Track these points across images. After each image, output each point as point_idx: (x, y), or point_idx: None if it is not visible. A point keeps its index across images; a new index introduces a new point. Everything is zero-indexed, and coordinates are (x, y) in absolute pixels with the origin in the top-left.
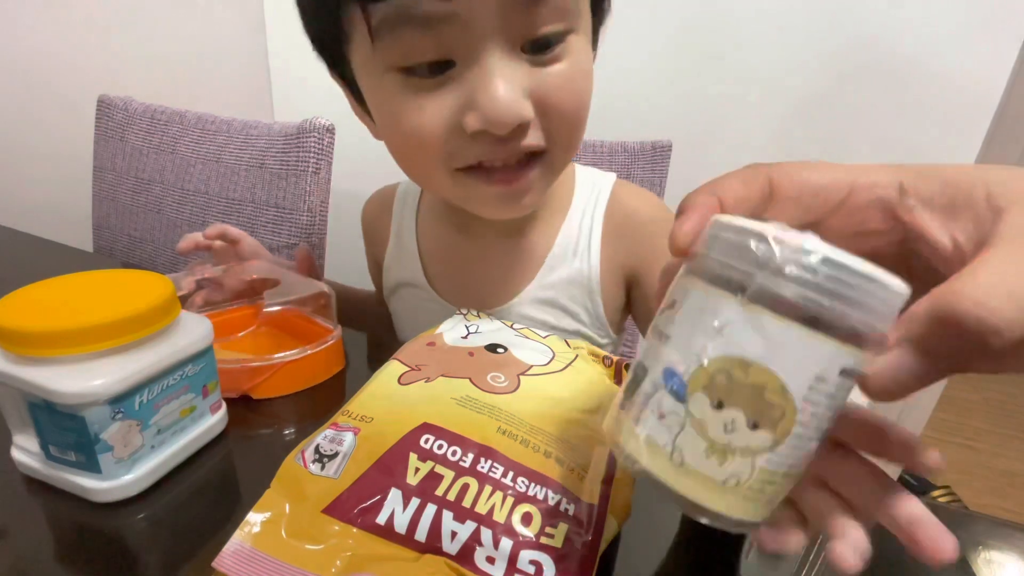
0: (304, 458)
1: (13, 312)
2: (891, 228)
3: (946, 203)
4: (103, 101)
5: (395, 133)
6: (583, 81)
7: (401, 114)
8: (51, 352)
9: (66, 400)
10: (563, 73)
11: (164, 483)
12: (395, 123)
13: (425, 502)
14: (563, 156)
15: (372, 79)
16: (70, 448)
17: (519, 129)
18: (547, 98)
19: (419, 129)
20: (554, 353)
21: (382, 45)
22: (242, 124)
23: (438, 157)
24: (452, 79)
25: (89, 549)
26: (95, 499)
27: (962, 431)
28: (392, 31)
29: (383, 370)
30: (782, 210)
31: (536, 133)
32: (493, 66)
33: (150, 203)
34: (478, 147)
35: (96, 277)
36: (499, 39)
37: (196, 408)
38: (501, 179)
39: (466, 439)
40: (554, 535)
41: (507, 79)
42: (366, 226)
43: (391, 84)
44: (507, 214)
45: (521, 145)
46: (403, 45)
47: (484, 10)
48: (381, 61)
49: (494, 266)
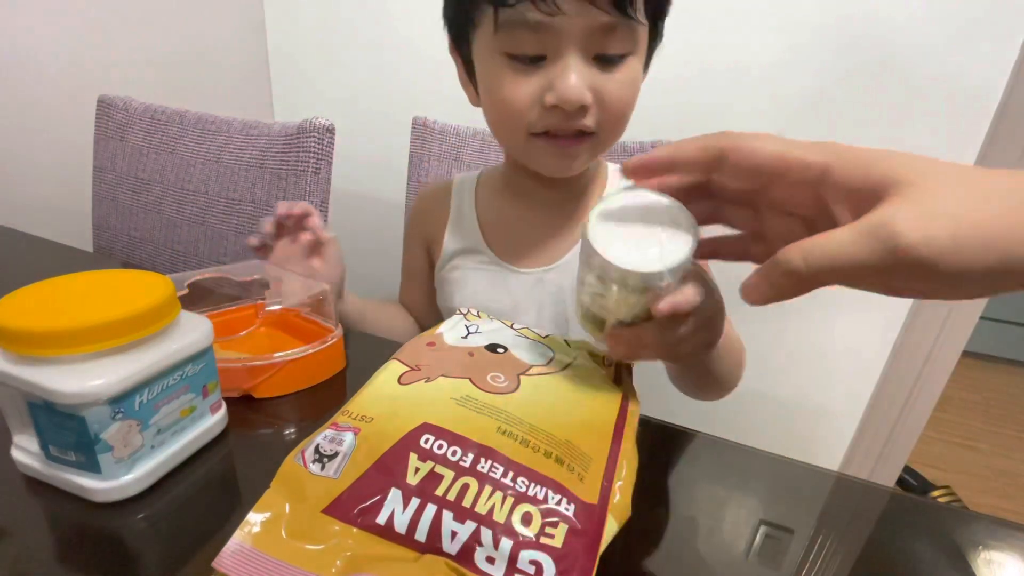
0: (304, 458)
1: (13, 312)
2: (816, 205)
3: (864, 188)
4: (103, 101)
5: (495, 100)
6: (630, 89)
7: (502, 86)
8: (51, 352)
9: (66, 400)
10: (618, 81)
11: (164, 483)
12: (496, 91)
13: (425, 502)
14: (607, 139)
15: (485, 57)
16: (70, 448)
17: (580, 110)
18: (602, 95)
19: (512, 99)
20: (554, 353)
21: (500, 36)
22: (242, 124)
23: (521, 121)
24: (541, 68)
25: (89, 549)
26: (95, 499)
27: (962, 431)
28: (510, 29)
29: (383, 370)
30: (730, 176)
31: (591, 118)
32: (571, 65)
33: (150, 203)
34: (550, 117)
35: (96, 277)
36: (579, 49)
37: (196, 408)
38: (561, 143)
39: (466, 439)
40: (554, 535)
41: (579, 74)
42: (420, 213)
43: (499, 64)
44: (558, 172)
45: (579, 123)
46: (515, 39)
47: (574, 29)
48: (496, 46)
49: (544, 229)
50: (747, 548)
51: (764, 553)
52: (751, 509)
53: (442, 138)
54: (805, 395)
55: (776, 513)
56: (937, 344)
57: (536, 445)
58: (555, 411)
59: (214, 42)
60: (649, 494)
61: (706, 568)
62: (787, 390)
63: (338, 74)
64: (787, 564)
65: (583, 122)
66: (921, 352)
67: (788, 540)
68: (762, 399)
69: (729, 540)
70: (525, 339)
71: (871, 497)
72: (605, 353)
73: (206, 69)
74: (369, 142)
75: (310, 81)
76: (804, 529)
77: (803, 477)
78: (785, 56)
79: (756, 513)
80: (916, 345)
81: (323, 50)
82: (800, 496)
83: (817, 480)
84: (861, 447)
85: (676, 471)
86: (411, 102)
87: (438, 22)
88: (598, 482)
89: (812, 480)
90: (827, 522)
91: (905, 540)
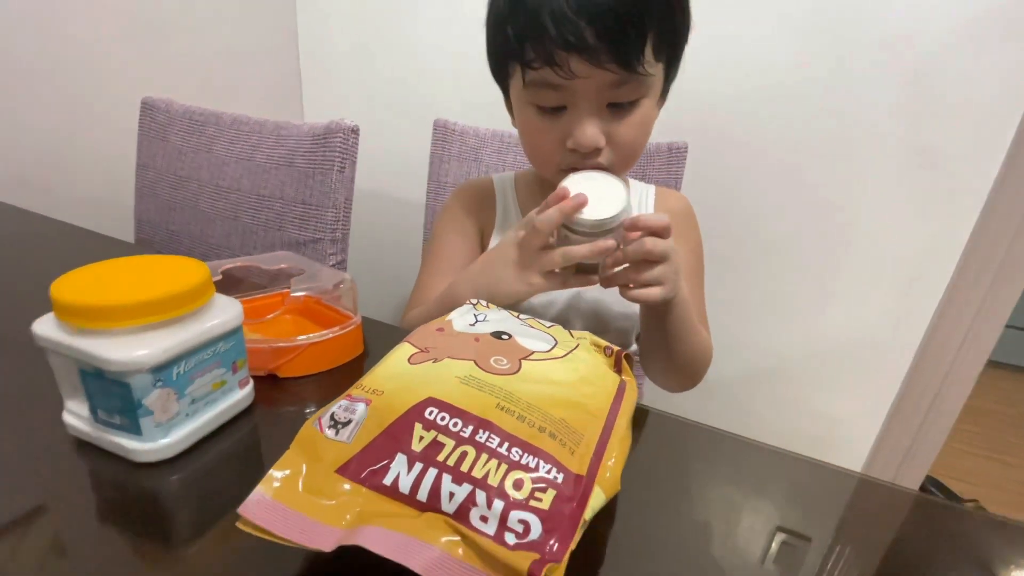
0: (321, 424)
1: (70, 289)
2: None
3: None
4: (146, 103)
5: (527, 140)
6: (640, 130)
7: (532, 130)
8: (102, 325)
9: (114, 368)
10: (628, 124)
11: (196, 449)
12: (528, 135)
13: (427, 467)
14: (619, 169)
15: (519, 104)
16: (116, 412)
17: (595, 152)
18: (614, 137)
19: (541, 144)
20: (557, 341)
21: (528, 91)
22: (274, 125)
23: (551, 161)
24: (563, 116)
25: (129, 504)
26: (135, 459)
27: (994, 444)
28: (535, 87)
29: (395, 351)
30: None
31: (606, 155)
32: (586, 115)
33: (187, 199)
34: (571, 157)
35: (141, 261)
36: (593, 101)
37: (226, 382)
38: None
39: (467, 412)
40: (542, 499)
41: (592, 123)
42: (467, 206)
43: (529, 111)
44: None
45: (596, 160)
46: (539, 95)
47: (588, 87)
48: (526, 98)
49: None
50: (764, 550)
51: (781, 555)
52: (767, 512)
53: (462, 140)
54: (824, 399)
55: (794, 516)
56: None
57: (532, 421)
58: (552, 392)
59: (250, 48)
60: (661, 491)
61: (705, 567)
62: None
63: (364, 78)
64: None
65: (598, 160)
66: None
67: (805, 544)
68: (780, 402)
69: (729, 538)
70: (530, 328)
71: (896, 501)
72: (606, 343)
73: (242, 74)
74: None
75: (338, 84)
76: (823, 533)
77: (824, 479)
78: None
79: (773, 516)
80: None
81: (350, 56)
82: (820, 498)
83: (839, 482)
84: (881, 454)
85: (688, 465)
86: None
87: (462, 30)
88: (588, 457)
89: (833, 482)
90: (847, 527)
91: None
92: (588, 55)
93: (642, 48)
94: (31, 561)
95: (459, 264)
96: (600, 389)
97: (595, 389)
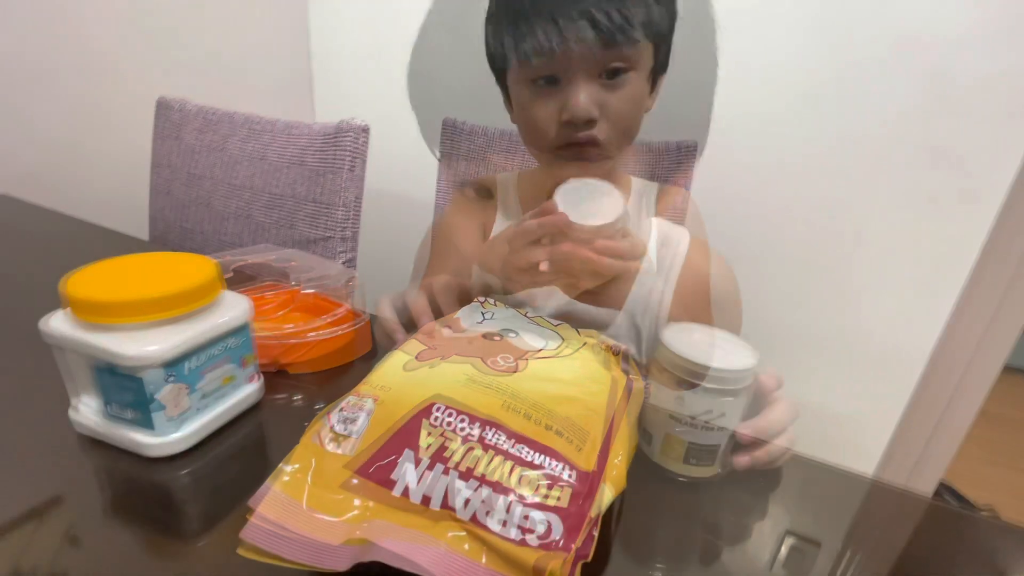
0: (330, 420)
1: (84, 285)
2: None
3: None
4: (161, 102)
5: (524, 118)
6: (631, 105)
7: (529, 109)
8: (115, 320)
9: (127, 363)
10: (620, 96)
11: (207, 443)
12: (525, 113)
13: (433, 463)
14: (613, 146)
15: (516, 87)
16: (128, 406)
17: (589, 123)
18: (606, 108)
19: (537, 118)
20: (563, 339)
21: (522, 68)
22: (285, 124)
23: (546, 136)
24: (557, 90)
25: (140, 498)
26: (148, 453)
27: (1011, 452)
28: (527, 60)
29: (402, 347)
30: None
31: (601, 130)
32: (579, 85)
33: (201, 197)
34: (566, 131)
35: (153, 258)
36: (584, 70)
37: (236, 378)
38: (575, 149)
39: (473, 411)
40: (551, 496)
41: (586, 93)
42: (472, 201)
43: (525, 90)
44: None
45: (590, 133)
46: (532, 68)
47: (580, 55)
48: (521, 76)
49: None
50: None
51: (790, 559)
52: (777, 515)
53: (471, 138)
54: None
55: (804, 519)
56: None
57: (538, 419)
58: (557, 391)
59: (263, 49)
60: (668, 491)
61: (705, 568)
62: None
63: (375, 78)
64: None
65: (592, 132)
66: (960, 361)
67: (815, 549)
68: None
69: (727, 537)
70: (537, 326)
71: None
72: (614, 342)
73: (255, 74)
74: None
75: (349, 84)
76: (833, 537)
77: (835, 482)
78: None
79: (783, 519)
80: (955, 352)
81: (361, 56)
82: (830, 502)
83: (849, 486)
84: (894, 459)
85: None
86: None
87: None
88: (595, 453)
89: (843, 485)
90: (857, 531)
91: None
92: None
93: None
94: (46, 554)
95: (463, 253)
96: (605, 388)
97: (600, 387)
